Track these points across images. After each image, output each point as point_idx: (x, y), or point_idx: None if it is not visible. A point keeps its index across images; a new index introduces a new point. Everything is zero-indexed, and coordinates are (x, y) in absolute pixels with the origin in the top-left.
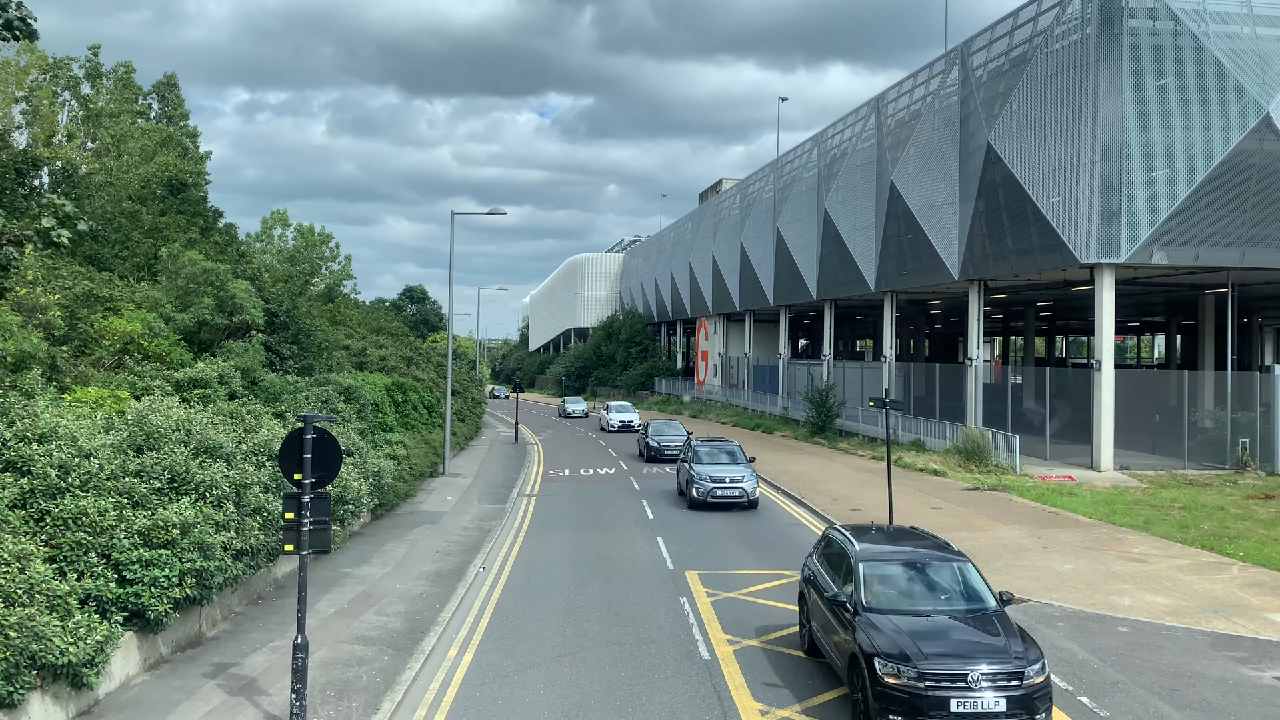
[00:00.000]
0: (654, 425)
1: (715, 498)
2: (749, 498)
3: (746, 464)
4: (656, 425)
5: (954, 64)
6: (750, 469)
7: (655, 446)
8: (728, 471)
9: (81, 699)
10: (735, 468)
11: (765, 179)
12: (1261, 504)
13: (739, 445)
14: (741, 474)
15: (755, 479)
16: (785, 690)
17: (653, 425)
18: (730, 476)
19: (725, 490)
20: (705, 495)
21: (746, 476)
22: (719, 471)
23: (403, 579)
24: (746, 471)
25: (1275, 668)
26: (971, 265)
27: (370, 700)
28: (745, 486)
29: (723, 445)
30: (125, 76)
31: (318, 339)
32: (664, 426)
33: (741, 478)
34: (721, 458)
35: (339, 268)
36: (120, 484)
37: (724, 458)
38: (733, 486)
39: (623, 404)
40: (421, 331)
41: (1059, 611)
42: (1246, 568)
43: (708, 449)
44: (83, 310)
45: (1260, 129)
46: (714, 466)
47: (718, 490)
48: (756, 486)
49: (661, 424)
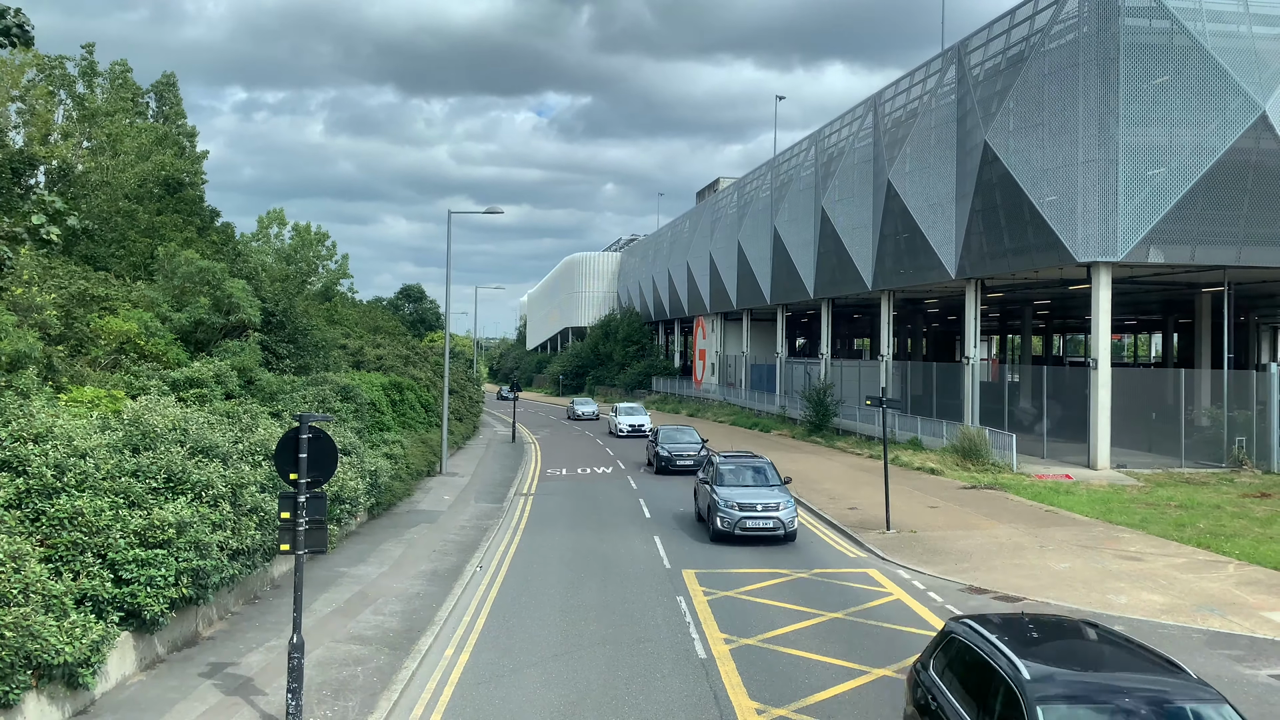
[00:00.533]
0: (665, 432)
1: (745, 530)
2: (785, 529)
3: (781, 486)
4: (667, 432)
5: (951, 63)
6: (786, 492)
7: (666, 456)
8: (759, 496)
9: (77, 699)
10: (768, 491)
11: (762, 178)
12: (1258, 502)
13: (770, 462)
14: (776, 499)
15: (793, 506)
16: (782, 689)
17: (663, 432)
18: (763, 504)
19: (757, 520)
20: (732, 526)
21: (782, 503)
22: (748, 496)
23: (399, 578)
24: (782, 496)
25: (1271, 666)
26: (968, 264)
27: (367, 700)
28: (781, 516)
29: (750, 462)
30: (122, 75)
31: (314, 338)
32: (676, 433)
33: (776, 504)
34: (749, 477)
35: (335, 267)
36: (116, 484)
37: (752, 478)
38: (766, 516)
39: (632, 406)
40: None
41: (1055, 610)
42: (1242, 566)
43: (732, 467)
44: (79, 309)
45: (1257, 127)
46: (741, 490)
47: (747, 520)
48: (795, 515)
49: (673, 430)
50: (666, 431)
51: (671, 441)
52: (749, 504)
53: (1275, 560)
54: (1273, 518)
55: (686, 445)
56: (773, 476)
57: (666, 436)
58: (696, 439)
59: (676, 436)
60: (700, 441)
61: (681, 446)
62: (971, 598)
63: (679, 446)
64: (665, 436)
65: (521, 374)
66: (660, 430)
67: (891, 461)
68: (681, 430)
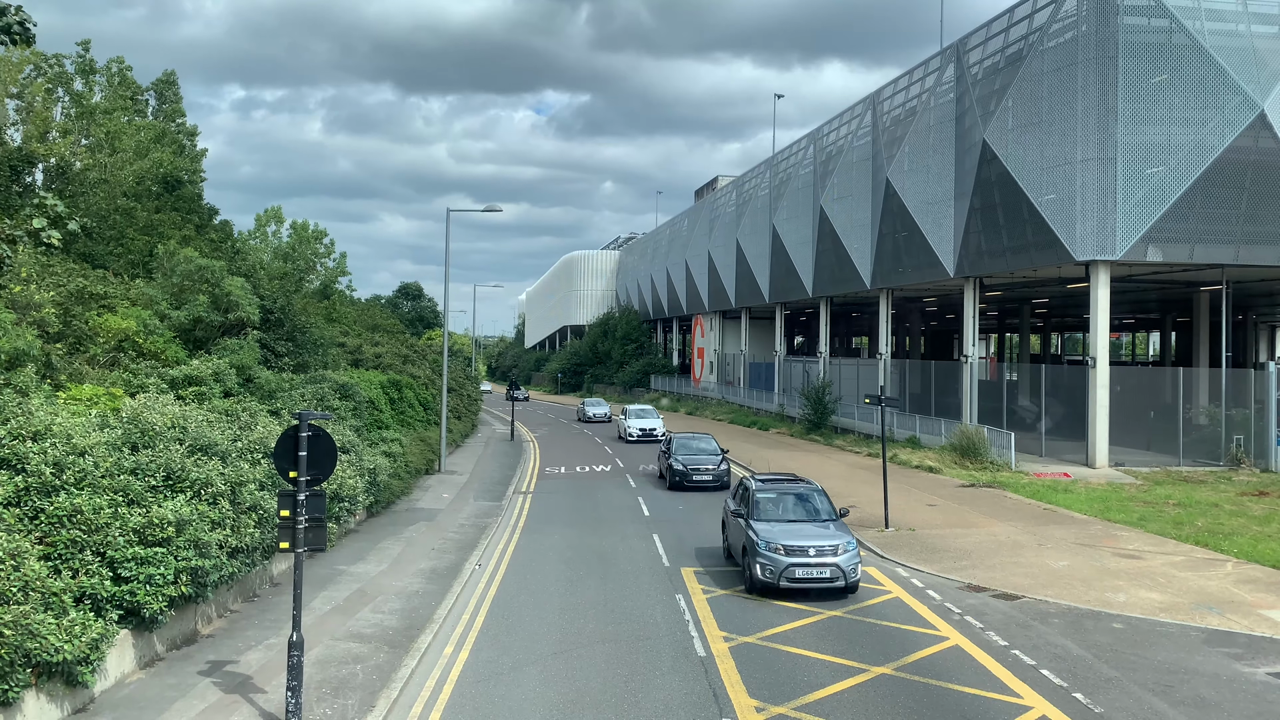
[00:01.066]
0: (679, 440)
1: (793, 580)
2: (846, 579)
3: (838, 521)
4: (682, 441)
5: (949, 61)
6: (846, 530)
7: (681, 470)
8: (811, 536)
9: (76, 697)
10: (821, 529)
11: (761, 176)
12: (1256, 500)
13: (819, 488)
14: (833, 540)
15: (855, 547)
16: (781, 687)
17: (678, 440)
18: (816, 545)
19: (809, 568)
20: (776, 576)
21: (841, 545)
22: (797, 536)
23: (399, 576)
24: (841, 536)
25: (1269, 664)
26: (967, 262)
27: (366, 698)
28: (841, 563)
29: (793, 488)
30: (120, 73)
31: (313, 336)
32: (691, 441)
33: (834, 547)
34: (794, 508)
35: (334, 264)
36: (115, 481)
37: (799, 509)
38: (822, 563)
39: (643, 408)
40: (417, 329)
41: (1054, 608)
42: (1241, 564)
43: (772, 495)
44: (77, 307)
45: (1255, 126)
46: (787, 527)
47: (796, 568)
48: (858, 560)
49: (688, 438)
50: (681, 440)
51: (687, 452)
52: (798, 546)
53: (1273, 558)
54: (1270, 516)
55: (705, 457)
56: (825, 507)
57: (681, 446)
58: (715, 449)
59: (692, 445)
60: (720, 452)
61: (699, 458)
62: (970, 595)
63: (696, 458)
64: (680, 446)
65: (520, 372)
66: (674, 438)
67: (890, 460)
68: (697, 438)
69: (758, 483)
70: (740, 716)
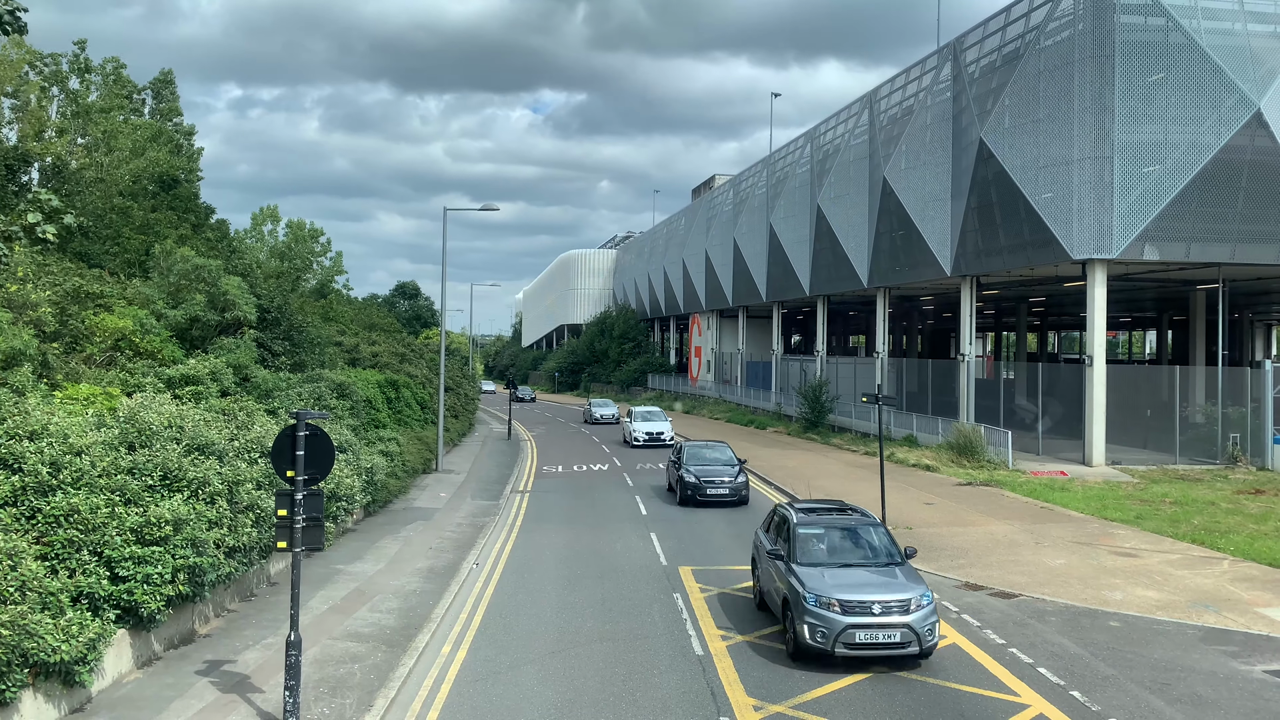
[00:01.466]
0: (691, 449)
1: (855, 647)
2: (921, 643)
3: (904, 564)
4: (694, 450)
5: (946, 60)
6: (917, 578)
7: (693, 483)
8: (876, 590)
9: (74, 696)
10: (886, 578)
11: (758, 175)
12: (1252, 499)
13: (875, 519)
14: (906, 594)
15: (931, 601)
16: (779, 685)
17: (689, 449)
18: (883, 601)
19: (875, 631)
20: (832, 640)
21: (915, 599)
22: (856, 590)
23: (396, 575)
24: (914, 588)
25: (1265, 661)
26: (964, 261)
27: (364, 697)
28: (914, 623)
29: (844, 520)
30: (115, 72)
31: (310, 335)
32: (704, 450)
33: (906, 603)
34: (845, 547)
35: (330, 263)
36: (112, 481)
37: (851, 547)
38: (890, 624)
39: (650, 410)
40: (414, 328)
41: (1051, 606)
42: (1237, 562)
43: (818, 529)
44: (73, 307)
45: (1251, 125)
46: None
47: (858, 632)
48: (935, 618)
49: (700, 447)
50: (693, 449)
51: (700, 462)
52: (859, 603)
53: (1269, 556)
54: (1267, 514)
55: (720, 468)
56: (886, 545)
57: (693, 455)
58: (732, 458)
59: (705, 455)
60: (737, 463)
61: (713, 469)
62: (967, 594)
63: (710, 470)
64: (691, 455)
65: (518, 371)
66: (685, 447)
67: (887, 458)
68: (711, 446)
69: (798, 514)
70: (738, 715)
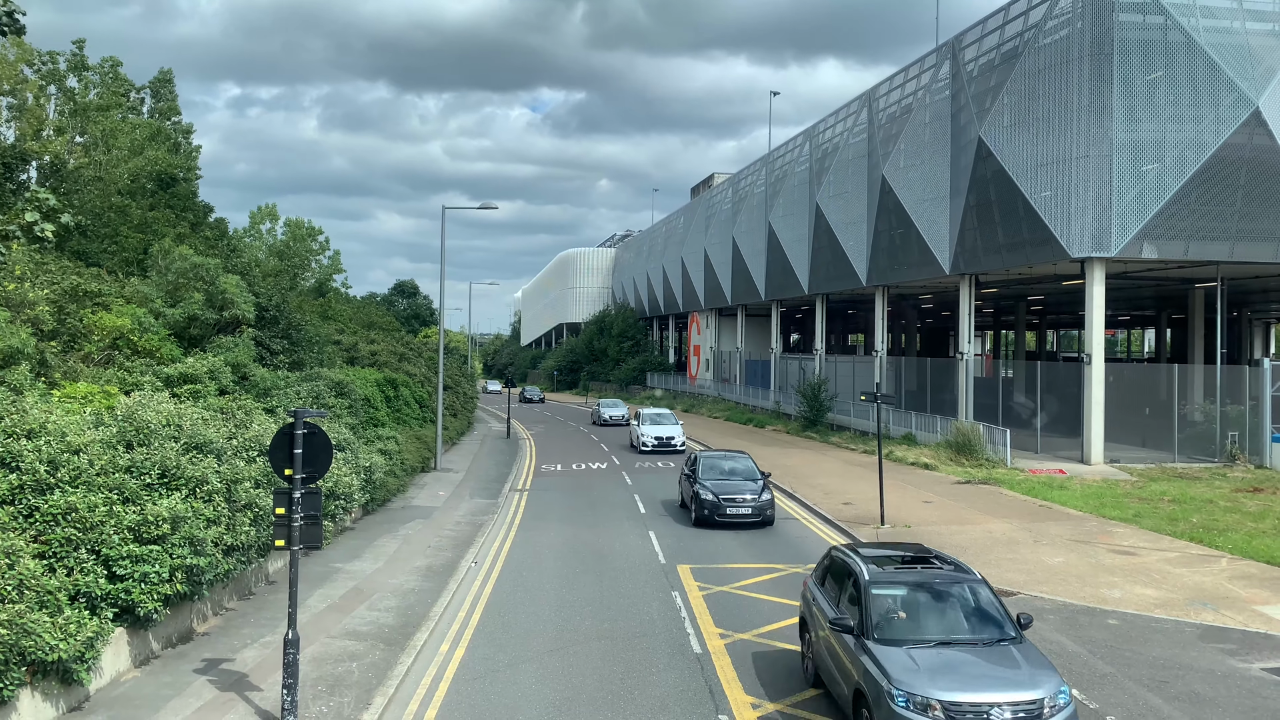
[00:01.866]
0: (708, 461)
1: None
2: None
3: (1020, 638)
4: (710, 460)
5: (945, 58)
6: (1042, 662)
7: (711, 501)
8: (993, 684)
9: (72, 695)
10: (1004, 667)
11: (757, 173)
12: (1250, 497)
13: (978, 575)
14: (1036, 693)
15: (1069, 698)
16: (777, 684)
17: (705, 461)
18: (1007, 702)
19: None
20: None
21: (1048, 698)
22: (967, 685)
23: (395, 574)
24: (1044, 681)
25: (1263, 659)
26: (963, 259)
27: (362, 695)
28: None
29: (934, 579)
30: (113, 70)
31: (308, 334)
32: (722, 461)
33: (1036, 705)
34: (939, 616)
35: (328, 262)
36: (110, 479)
37: (946, 615)
38: None
39: (660, 412)
40: (413, 326)
41: (1049, 604)
42: (1235, 560)
43: (900, 591)
44: (71, 305)
45: (1250, 123)
46: (939, 658)
47: None
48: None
49: (718, 458)
50: (710, 460)
51: (717, 475)
52: (973, 706)
53: (1267, 554)
54: (1265, 512)
55: (740, 482)
56: (995, 611)
57: (710, 467)
58: (754, 471)
59: (723, 466)
60: (760, 476)
61: (733, 484)
62: None
63: (730, 484)
64: (708, 467)
65: (516, 370)
66: (700, 457)
67: (886, 457)
68: (730, 457)
69: (869, 566)
70: (736, 713)
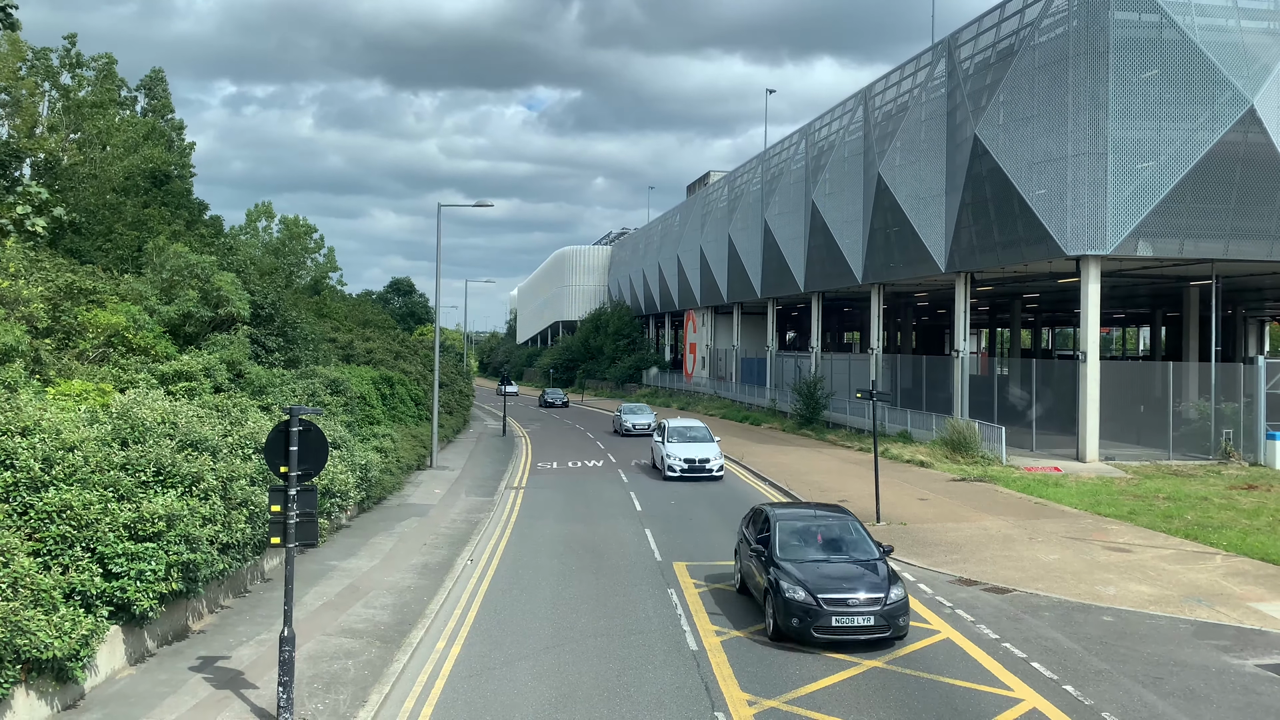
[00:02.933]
0: (786, 521)
1: None
2: None
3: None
4: (791, 522)
5: (941, 56)
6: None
7: (805, 604)
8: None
9: (67, 693)
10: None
11: (753, 171)
12: (1245, 494)
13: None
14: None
15: None
16: (773, 680)
17: (781, 522)
18: None
19: None
20: None
21: (894, 599)
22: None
23: (390, 572)
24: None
25: (1257, 655)
26: (958, 257)
27: (358, 693)
28: None
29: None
30: (107, 67)
31: (304, 331)
32: (812, 523)
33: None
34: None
35: (323, 259)
36: (105, 477)
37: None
38: None
39: (690, 424)
40: (408, 324)
41: (1044, 601)
42: (1230, 557)
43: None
44: (66, 303)
45: (1245, 121)
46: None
47: None
48: None
49: (802, 517)
50: (789, 521)
51: (805, 550)
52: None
53: (1262, 551)
54: (1259, 509)
55: (848, 566)
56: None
57: (794, 536)
58: (865, 538)
59: (811, 529)
60: (877, 551)
61: (838, 571)
62: (961, 589)
63: (834, 572)
64: (791, 535)
65: (512, 368)
66: (773, 516)
67: (881, 454)
68: (824, 515)
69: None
70: (732, 710)
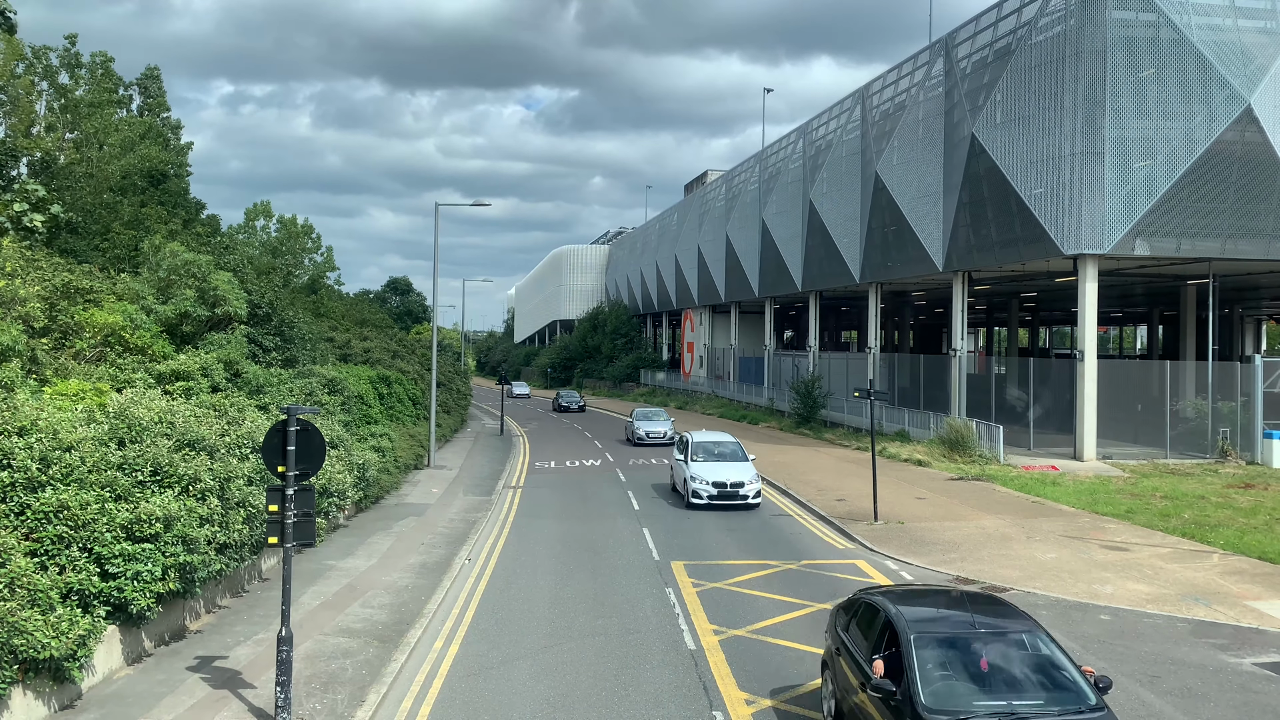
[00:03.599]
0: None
1: None
2: None
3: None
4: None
5: (938, 55)
6: None
7: None
8: None
9: (64, 693)
10: None
11: (750, 170)
12: (1242, 493)
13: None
14: None
15: None
16: (771, 679)
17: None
18: None
19: None
20: None
21: None
22: None
23: (388, 571)
24: None
25: (1254, 654)
26: (956, 256)
27: (355, 693)
28: None
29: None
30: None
31: (301, 331)
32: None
33: None
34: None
35: (321, 259)
36: (102, 477)
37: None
38: None
39: (719, 439)
40: (406, 323)
41: (1042, 600)
42: (1227, 556)
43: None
44: (63, 302)
45: (1242, 120)
46: None
47: None
48: None
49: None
50: (925, 631)
51: (961, 680)
52: None
53: (1259, 550)
54: (1256, 508)
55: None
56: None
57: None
58: (1060, 665)
59: (973, 650)
60: (1087, 687)
61: None
62: (959, 588)
63: None
64: (931, 653)
65: (510, 367)
66: (897, 616)
67: (879, 453)
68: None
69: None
70: (730, 709)
